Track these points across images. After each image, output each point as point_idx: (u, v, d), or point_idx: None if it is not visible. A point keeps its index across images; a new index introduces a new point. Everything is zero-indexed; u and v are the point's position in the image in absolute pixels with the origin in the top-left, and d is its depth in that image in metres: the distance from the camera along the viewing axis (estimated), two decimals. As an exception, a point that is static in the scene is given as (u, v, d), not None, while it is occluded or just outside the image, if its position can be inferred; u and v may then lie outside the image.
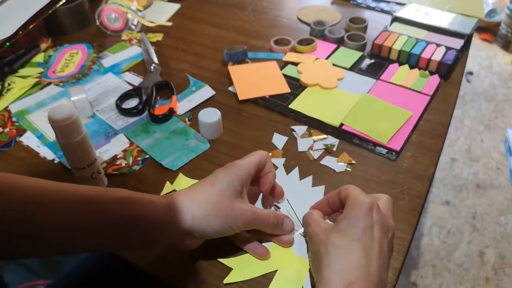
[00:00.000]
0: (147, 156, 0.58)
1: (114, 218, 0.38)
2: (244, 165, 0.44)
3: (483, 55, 2.26)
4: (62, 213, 0.36)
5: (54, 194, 0.36)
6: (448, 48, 0.74)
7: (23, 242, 0.35)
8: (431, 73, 0.72)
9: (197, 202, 0.41)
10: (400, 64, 0.75)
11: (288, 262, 0.45)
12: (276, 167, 0.56)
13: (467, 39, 0.77)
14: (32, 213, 0.34)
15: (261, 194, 0.51)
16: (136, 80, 0.72)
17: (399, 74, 0.72)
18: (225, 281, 0.43)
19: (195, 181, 0.48)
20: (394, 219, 0.43)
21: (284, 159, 0.57)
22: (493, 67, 2.17)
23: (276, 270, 0.44)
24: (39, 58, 0.78)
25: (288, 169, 0.56)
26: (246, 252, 0.46)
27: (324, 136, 0.61)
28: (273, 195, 0.50)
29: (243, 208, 0.42)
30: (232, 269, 0.44)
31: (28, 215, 0.34)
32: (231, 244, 0.46)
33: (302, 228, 0.47)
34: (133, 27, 0.86)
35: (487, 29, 2.36)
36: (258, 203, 0.51)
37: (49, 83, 0.72)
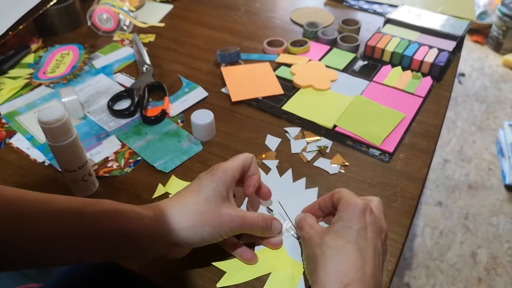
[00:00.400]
0: (139, 158, 0.57)
1: (99, 230, 0.37)
2: (228, 168, 0.44)
3: (474, 57, 2.28)
4: (47, 224, 0.35)
5: (39, 205, 0.36)
6: (440, 50, 0.74)
7: (8, 253, 0.34)
8: (424, 75, 0.73)
9: (184, 212, 0.40)
10: (393, 66, 0.75)
11: (281, 265, 0.44)
12: (269, 169, 0.56)
13: (459, 41, 0.78)
14: (17, 224, 0.34)
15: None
16: (128, 81, 0.72)
17: (392, 76, 0.73)
18: (218, 285, 0.43)
19: (188, 183, 0.48)
20: (387, 221, 0.43)
21: (278, 160, 0.57)
22: (485, 69, 2.19)
23: (270, 273, 0.44)
24: (30, 59, 0.77)
25: (281, 170, 0.55)
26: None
27: (318, 137, 0.60)
28: (259, 195, 0.50)
29: (231, 214, 0.41)
30: (225, 272, 0.44)
31: (13, 227, 0.34)
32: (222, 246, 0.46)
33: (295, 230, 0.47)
34: (125, 27, 0.85)
35: (479, 31, 2.38)
36: (244, 203, 0.51)
37: (40, 84, 0.71)
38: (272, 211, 0.50)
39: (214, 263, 0.45)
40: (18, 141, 0.60)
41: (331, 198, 0.44)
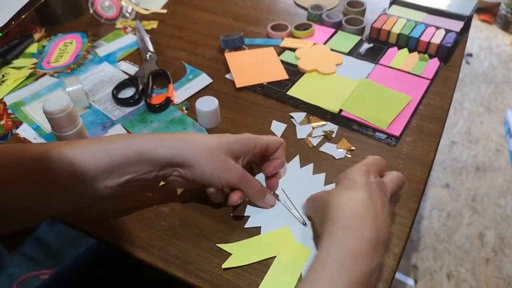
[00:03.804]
0: (145, 146, 0.58)
1: (118, 155, 0.41)
2: (254, 138, 0.47)
3: (482, 36, 2.24)
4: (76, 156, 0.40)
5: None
6: (447, 31, 0.73)
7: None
8: (431, 56, 0.71)
9: (196, 144, 0.43)
10: (399, 47, 0.74)
11: (287, 249, 0.45)
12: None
13: (467, 21, 0.76)
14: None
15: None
16: (132, 69, 0.71)
17: (398, 58, 0.71)
18: (223, 266, 0.43)
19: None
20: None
21: (283, 146, 0.57)
22: (493, 49, 2.16)
23: (275, 257, 0.44)
24: (33, 48, 0.77)
25: (287, 157, 0.55)
26: (245, 238, 0.46)
27: (323, 122, 0.60)
28: (269, 182, 0.51)
29: (235, 165, 0.44)
30: (231, 254, 0.44)
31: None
32: (229, 230, 0.46)
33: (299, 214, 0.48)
34: (127, 15, 0.84)
35: (487, 9, 2.33)
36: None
37: (44, 74, 0.71)
38: (277, 196, 0.50)
39: (220, 245, 0.45)
40: (25, 131, 0.60)
41: None
